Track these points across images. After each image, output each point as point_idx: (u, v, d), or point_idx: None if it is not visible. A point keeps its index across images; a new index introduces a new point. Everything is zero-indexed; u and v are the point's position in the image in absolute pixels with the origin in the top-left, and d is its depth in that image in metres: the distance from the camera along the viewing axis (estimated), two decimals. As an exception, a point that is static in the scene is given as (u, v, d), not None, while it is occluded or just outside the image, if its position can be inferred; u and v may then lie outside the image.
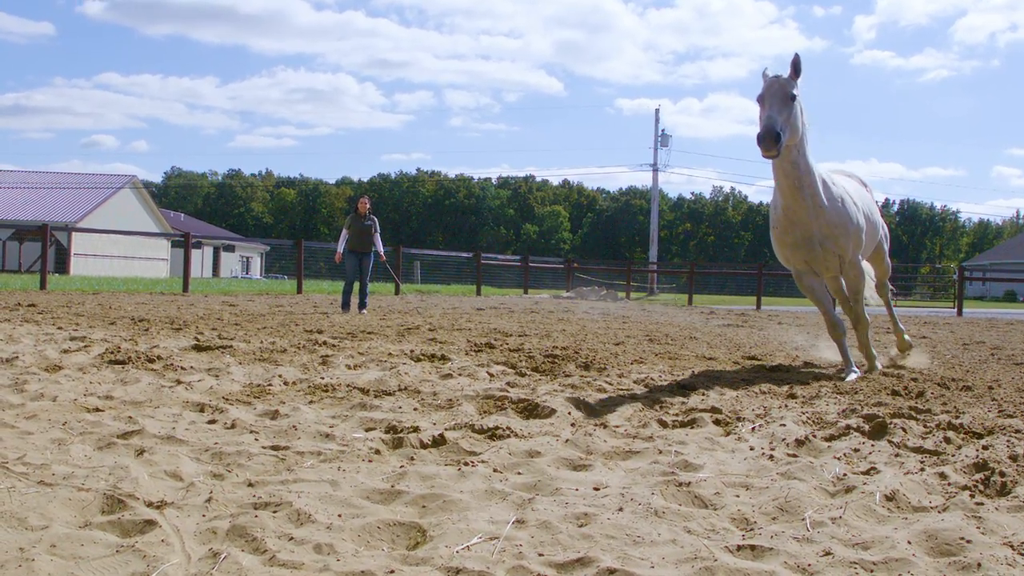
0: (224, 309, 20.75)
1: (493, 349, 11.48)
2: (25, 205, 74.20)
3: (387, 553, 3.63)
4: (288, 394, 7.36)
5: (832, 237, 9.57)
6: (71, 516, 4.04)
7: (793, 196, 9.29)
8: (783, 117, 8.54)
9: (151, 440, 5.54)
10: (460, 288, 52.63)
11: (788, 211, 9.44)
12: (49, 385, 7.54)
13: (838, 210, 9.55)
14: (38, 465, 4.88)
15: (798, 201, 9.32)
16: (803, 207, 9.33)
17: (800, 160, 9.12)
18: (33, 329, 12.96)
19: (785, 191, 9.30)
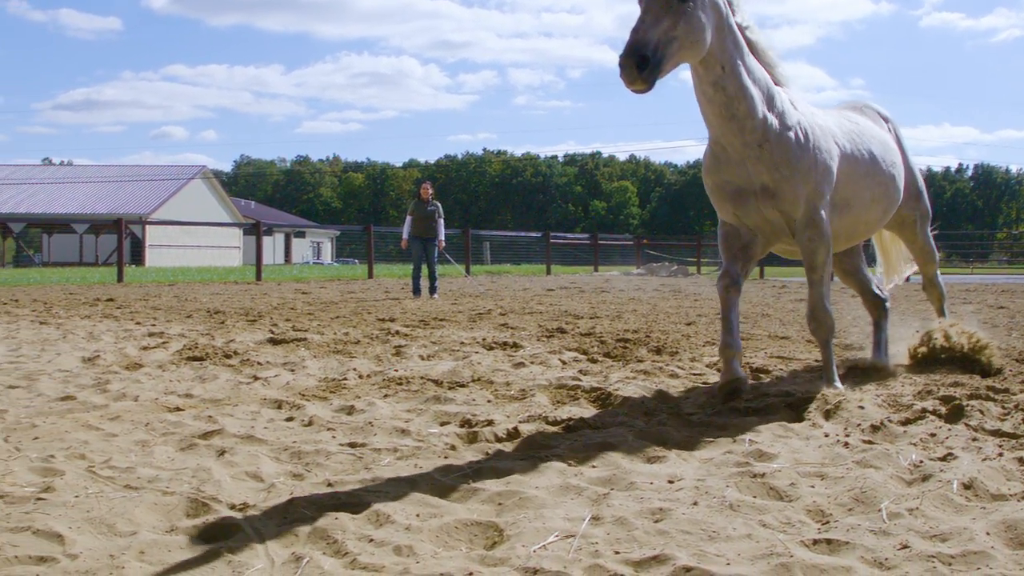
0: (297, 298, 20.99)
1: (564, 334, 11.51)
2: (100, 199, 75.44)
3: (465, 553, 3.68)
4: (363, 388, 7.45)
5: (773, 184, 6.73)
6: (157, 521, 4.14)
7: (721, 126, 6.68)
8: (661, 30, 5.92)
9: (231, 440, 5.64)
10: (530, 268, 52.71)
11: (715, 145, 6.88)
12: (131, 384, 7.71)
13: (788, 145, 6.70)
14: (123, 468, 5.01)
15: (728, 134, 6.69)
16: (735, 141, 6.69)
17: (729, 81, 6.54)
18: (113, 325, 13.23)
19: (710, 119, 6.72)
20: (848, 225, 7.42)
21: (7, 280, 31.45)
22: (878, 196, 7.62)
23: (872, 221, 7.77)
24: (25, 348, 10.46)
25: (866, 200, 7.48)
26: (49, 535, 3.92)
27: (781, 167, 6.68)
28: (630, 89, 5.81)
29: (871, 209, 7.61)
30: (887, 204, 7.81)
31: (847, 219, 7.34)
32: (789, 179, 6.71)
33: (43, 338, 11.55)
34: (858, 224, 7.56)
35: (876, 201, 7.62)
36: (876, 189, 7.57)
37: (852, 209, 7.34)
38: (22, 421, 6.31)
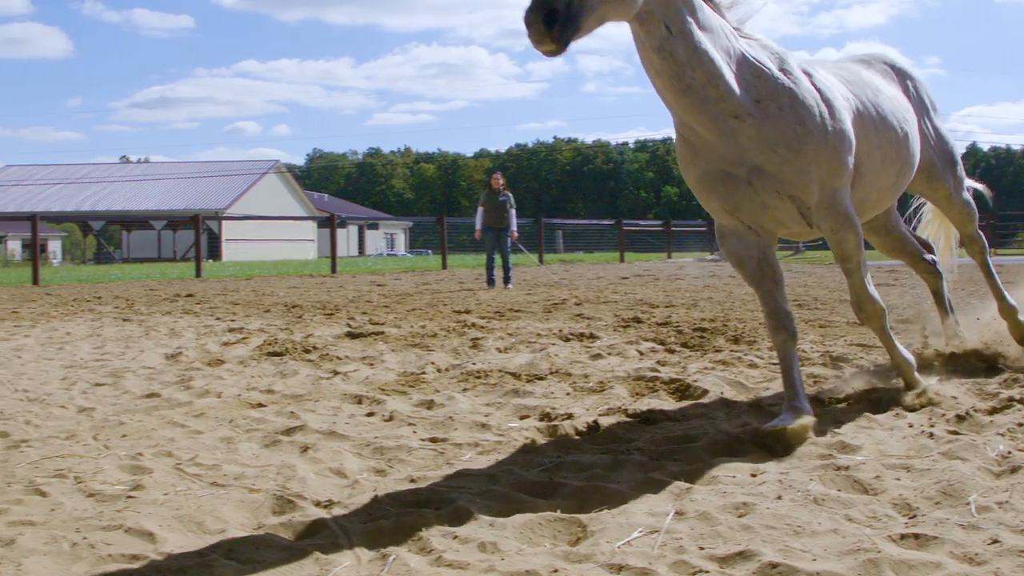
0: (372, 290, 21.14)
1: (641, 324, 11.47)
2: (177, 195, 76.58)
3: (549, 550, 3.68)
4: (442, 382, 7.49)
5: (769, 164, 5.39)
6: (245, 518, 4.20)
7: (678, 101, 5.26)
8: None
9: (314, 436, 5.71)
10: (603, 256, 52.57)
11: (681, 127, 5.51)
12: (213, 381, 7.83)
13: (775, 115, 5.35)
14: (210, 466, 5.09)
15: (689, 110, 5.27)
16: (700, 118, 5.28)
17: (678, 44, 5.11)
18: (193, 321, 13.43)
19: (663, 94, 5.30)
20: (860, 195, 6.13)
21: (89, 277, 32.03)
22: (890, 158, 6.33)
23: (885, 187, 6.45)
24: (110, 345, 10.66)
25: (876, 163, 6.18)
26: (140, 533, 3.99)
27: (778, 147, 5.33)
28: (539, 50, 4.54)
29: (883, 173, 6.31)
30: (901, 167, 6.51)
31: (858, 188, 6.06)
32: (793, 161, 5.36)
33: (126, 335, 11.76)
34: (870, 192, 6.28)
35: (888, 164, 6.32)
36: (887, 150, 6.28)
37: (863, 175, 6.06)
38: (110, 419, 6.43)
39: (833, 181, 5.58)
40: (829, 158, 5.51)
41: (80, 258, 76.09)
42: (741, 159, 5.40)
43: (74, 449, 5.61)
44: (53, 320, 14.31)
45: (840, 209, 5.65)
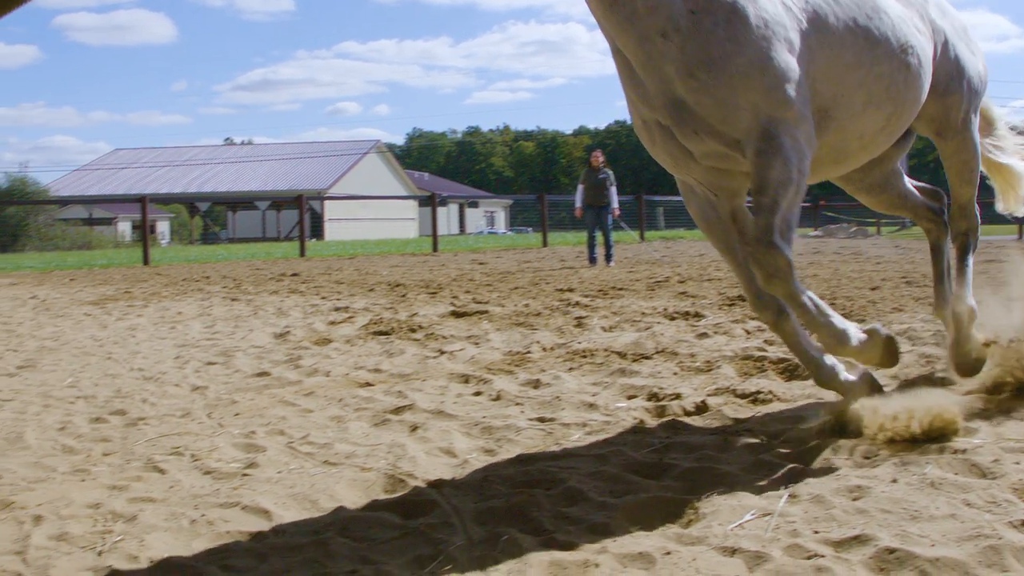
0: (474, 268, 21.23)
1: (746, 302, 11.32)
2: (280, 175, 77.66)
3: (661, 532, 3.66)
4: (547, 361, 7.49)
5: (687, 93, 4.40)
6: (357, 497, 4.26)
7: (604, 15, 4.48)
8: None
9: (422, 415, 5.75)
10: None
11: (616, 57, 4.65)
12: (321, 360, 7.93)
13: (706, 31, 4.38)
14: (321, 444, 5.16)
15: (617, 29, 4.48)
16: (628, 40, 4.47)
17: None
18: (299, 300, 13.62)
19: (595, 13, 4.54)
20: (833, 142, 4.95)
21: (197, 257, 32.67)
22: (878, 97, 5.00)
23: (870, 134, 5.11)
24: (219, 325, 10.87)
25: (857, 103, 4.90)
26: (256, 510, 4.08)
27: (697, 69, 4.32)
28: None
29: (867, 116, 4.99)
30: (895, 109, 5.14)
31: (829, 133, 4.87)
32: (712, 88, 4.34)
33: (235, 314, 11.97)
34: (847, 139, 5.02)
35: (875, 105, 5.00)
36: (874, 87, 4.96)
37: (834, 118, 4.82)
38: (222, 397, 6.56)
39: (772, 110, 4.41)
40: (766, 86, 4.38)
41: (187, 239, 77.64)
42: (661, 89, 4.45)
43: (189, 427, 5.74)
44: (164, 300, 14.63)
45: (777, 136, 4.40)
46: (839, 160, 5.18)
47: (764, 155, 4.40)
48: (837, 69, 4.78)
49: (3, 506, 4.29)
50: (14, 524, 4.06)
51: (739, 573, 3.22)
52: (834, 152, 5.05)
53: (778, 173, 4.40)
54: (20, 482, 4.69)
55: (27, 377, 7.74)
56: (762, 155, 4.41)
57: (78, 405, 6.49)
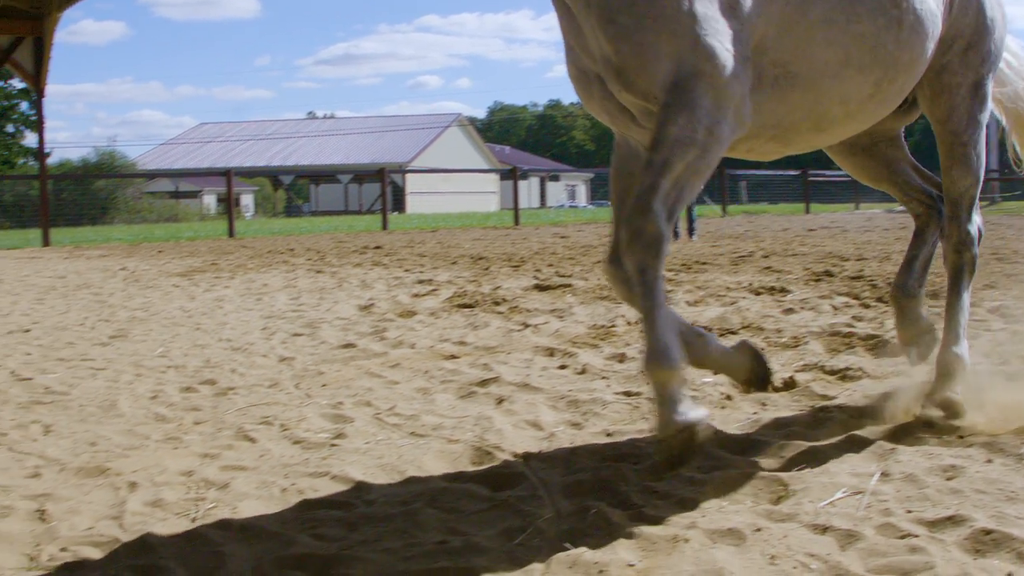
0: (556, 242, 21.20)
1: (832, 278, 11.18)
2: (362, 149, 78.20)
3: (750, 508, 3.63)
4: (632, 335, 7.45)
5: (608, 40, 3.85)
6: (445, 468, 4.28)
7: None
8: None
9: (508, 388, 5.76)
10: (788, 207, 51.51)
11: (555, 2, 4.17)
12: (406, 332, 7.98)
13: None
14: (408, 416, 5.19)
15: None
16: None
17: None
18: (383, 273, 13.71)
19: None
20: (805, 105, 4.24)
21: (280, 230, 33.03)
22: (860, 59, 4.29)
23: (855, 100, 4.39)
24: (304, 297, 10.97)
25: (831, 65, 4.23)
26: (346, 480, 4.11)
27: (618, 13, 3.81)
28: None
29: (846, 80, 4.29)
30: (886, 73, 4.41)
31: (796, 98, 4.19)
32: (634, 30, 3.78)
33: (320, 287, 12.08)
34: (825, 104, 4.30)
35: (856, 67, 4.30)
36: (854, 47, 4.27)
37: (799, 76, 4.16)
38: (309, 368, 6.63)
39: (696, 62, 3.77)
40: (691, 34, 3.77)
41: (271, 211, 78.50)
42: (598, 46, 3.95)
43: (278, 397, 5.80)
44: (250, 272, 14.81)
45: (692, 91, 3.74)
46: (820, 127, 4.44)
47: (669, 108, 3.75)
48: (799, 24, 4.09)
49: (99, 472, 4.38)
50: (110, 490, 4.14)
51: (831, 551, 3.18)
52: (812, 117, 4.33)
53: (680, 130, 3.72)
54: (115, 449, 4.79)
55: (119, 347, 7.88)
56: (668, 108, 3.76)
57: (169, 375, 6.60)
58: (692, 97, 3.73)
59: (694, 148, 3.72)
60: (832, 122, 4.45)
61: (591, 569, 3.09)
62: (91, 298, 11.75)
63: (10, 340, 8.42)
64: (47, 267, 17.66)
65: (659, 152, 3.71)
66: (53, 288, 13.25)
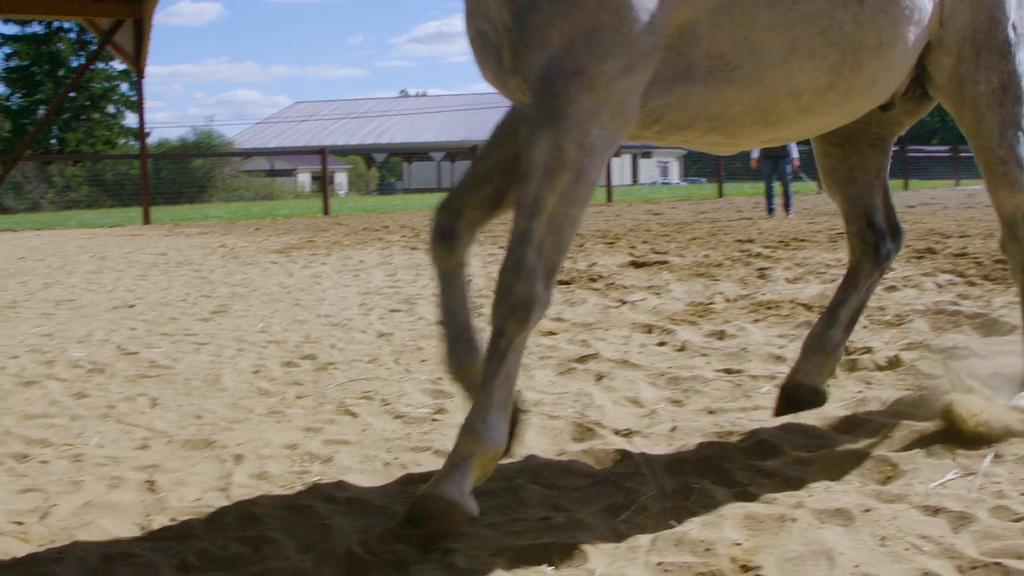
0: (650, 219, 21.09)
1: (935, 255, 10.95)
2: (454, 127, 78.46)
3: (858, 488, 3.56)
4: (731, 312, 7.38)
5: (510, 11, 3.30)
6: (547, 444, 4.27)
7: None
8: None
9: (607, 364, 5.73)
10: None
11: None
12: (503, 309, 7.97)
13: None
14: (509, 392, 5.18)
15: None
16: None
17: None
18: (478, 249, 13.73)
19: None
20: (742, 102, 3.63)
21: (374, 207, 33.31)
22: (810, 43, 3.63)
23: (808, 91, 3.72)
24: (401, 273, 11.05)
25: (775, 52, 3.59)
26: (446, 455, 4.11)
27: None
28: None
29: (795, 69, 3.64)
30: (845, 58, 3.71)
31: (734, 92, 3.58)
32: (529, 8, 3.25)
33: (415, 263, 12.15)
34: (771, 97, 3.68)
35: (807, 53, 3.64)
36: (800, 28, 3.61)
37: (740, 74, 3.54)
38: (408, 344, 6.66)
39: (585, 59, 3.18)
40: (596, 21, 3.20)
41: (364, 189, 79.18)
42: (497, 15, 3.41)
43: (378, 372, 5.84)
44: (346, 249, 14.94)
45: (560, 96, 3.16)
46: (768, 122, 3.78)
47: (534, 122, 3.18)
48: (736, 6, 3.51)
49: (205, 445, 4.45)
50: (216, 462, 4.20)
51: (943, 534, 3.11)
52: (757, 112, 3.71)
53: (545, 153, 3.14)
54: (220, 422, 4.86)
55: (220, 322, 8.00)
56: (532, 122, 3.19)
57: (270, 349, 6.68)
58: (560, 104, 3.15)
59: (565, 172, 3.15)
60: (782, 118, 3.80)
61: (697, 547, 3.06)
62: (192, 274, 11.96)
63: (115, 315, 8.60)
64: (148, 244, 18.02)
65: (527, 186, 3.16)
66: (155, 265, 13.51)
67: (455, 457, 3.20)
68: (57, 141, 72.89)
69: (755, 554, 3.00)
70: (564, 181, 3.14)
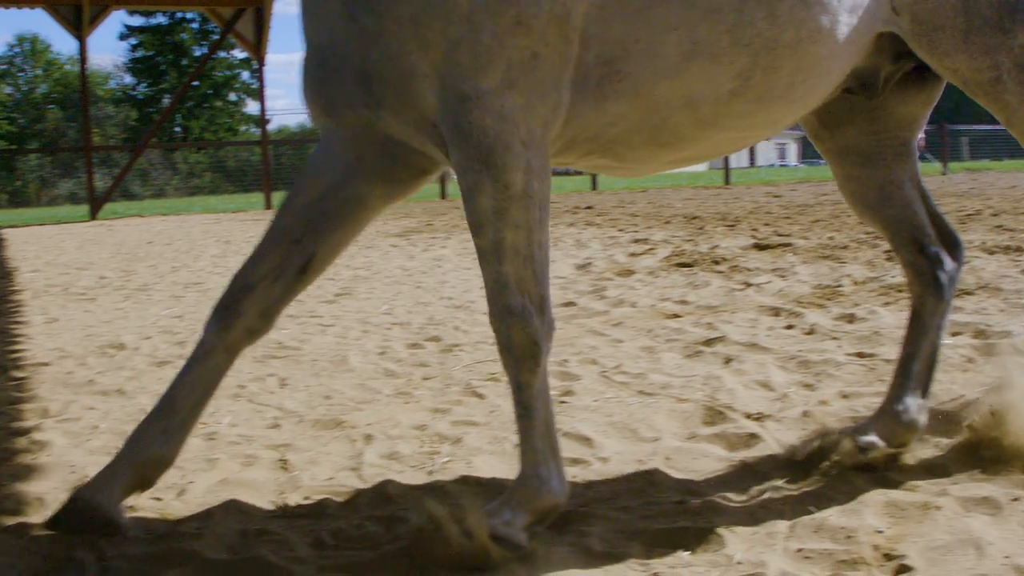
0: (770, 201, 20.77)
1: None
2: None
3: (1004, 476, 3.40)
4: (860, 295, 7.21)
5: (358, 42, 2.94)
6: (677, 428, 4.21)
7: None
8: None
9: (735, 347, 5.64)
10: (1013, 164, 49.19)
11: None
12: (626, 291, 7.93)
13: None
14: (635, 374, 5.14)
15: None
16: None
17: None
18: (597, 232, 13.70)
19: None
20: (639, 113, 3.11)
21: (491, 190, 33.36)
22: (713, 44, 3.08)
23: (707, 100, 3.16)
24: (521, 256, 11.03)
25: (668, 56, 3.04)
26: (578, 437, 4.10)
27: (357, 8, 2.92)
28: None
29: (693, 75, 3.09)
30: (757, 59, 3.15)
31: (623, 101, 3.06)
32: (377, 39, 2.90)
33: (535, 246, 12.11)
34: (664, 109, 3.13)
35: (709, 56, 3.09)
36: (702, 27, 3.06)
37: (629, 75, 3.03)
38: (532, 326, 6.63)
39: (465, 75, 2.85)
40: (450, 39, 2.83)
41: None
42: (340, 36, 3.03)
43: (503, 355, 5.82)
44: (465, 232, 14.98)
45: (475, 131, 2.85)
46: (661, 141, 3.24)
47: (468, 175, 2.90)
48: (630, 3, 3.00)
49: (335, 424, 4.49)
50: (347, 442, 4.24)
51: (1098, 524, 2.99)
52: (647, 129, 3.18)
53: (492, 199, 2.88)
54: (348, 402, 4.90)
55: (345, 304, 8.09)
56: (466, 174, 2.91)
57: (394, 331, 6.72)
58: (474, 138, 2.85)
59: (516, 204, 2.89)
60: (678, 135, 3.24)
61: (838, 534, 2.99)
62: (315, 257, 12.10)
63: (242, 297, 8.73)
64: (271, 228, 18.27)
65: (483, 234, 2.94)
66: (278, 248, 13.69)
67: (511, 500, 3.00)
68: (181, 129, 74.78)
69: (898, 542, 2.92)
70: (518, 213, 2.89)
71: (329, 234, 3.22)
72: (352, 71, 2.96)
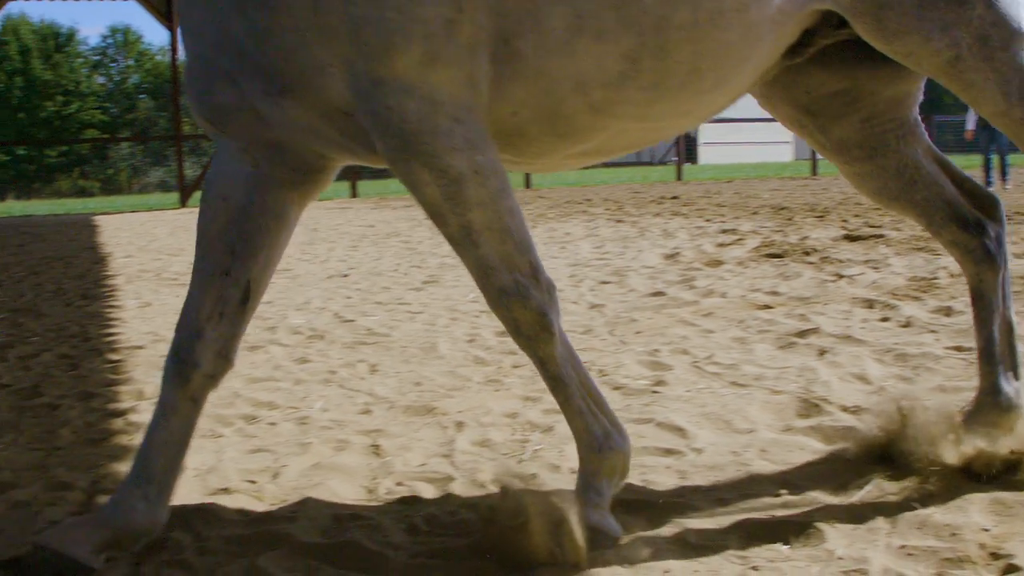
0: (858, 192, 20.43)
1: None
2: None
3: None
4: (957, 287, 7.02)
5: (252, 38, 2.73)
6: (771, 419, 4.15)
7: None
8: None
9: (829, 339, 5.54)
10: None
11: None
12: (715, 281, 7.85)
13: None
14: (727, 365, 5.08)
15: None
16: None
17: None
18: (683, 222, 13.59)
19: None
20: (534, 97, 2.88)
21: (576, 181, 33.29)
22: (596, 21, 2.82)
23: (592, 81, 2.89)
24: (608, 245, 11.00)
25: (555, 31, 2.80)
26: (671, 428, 4.05)
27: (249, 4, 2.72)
28: None
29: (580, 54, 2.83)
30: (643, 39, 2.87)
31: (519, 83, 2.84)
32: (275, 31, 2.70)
33: (622, 235, 12.08)
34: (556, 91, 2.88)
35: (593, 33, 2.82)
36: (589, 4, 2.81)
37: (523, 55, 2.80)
38: (621, 316, 6.60)
39: (375, 66, 2.64)
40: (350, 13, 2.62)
41: (564, 162, 79.29)
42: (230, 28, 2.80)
43: (592, 343, 5.81)
44: (551, 221, 14.99)
45: (394, 117, 2.66)
46: (559, 131, 3.00)
47: (404, 165, 2.74)
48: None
49: (426, 411, 4.50)
50: (438, 428, 4.24)
51: None
52: (545, 115, 2.93)
53: (442, 189, 2.72)
54: (439, 389, 4.91)
55: (432, 291, 8.11)
56: (402, 165, 2.74)
57: (482, 319, 6.71)
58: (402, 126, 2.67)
59: (467, 183, 2.71)
60: (575, 124, 2.99)
61: (942, 531, 2.91)
62: (401, 245, 12.18)
63: (330, 284, 8.82)
64: (357, 216, 18.46)
65: (446, 224, 2.78)
66: (365, 236, 13.82)
67: (584, 478, 2.92)
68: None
69: (1005, 541, 2.83)
70: (474, 192, 2.72)
71: (256, 255, 3.05)
72: (249, 66, 2.77)
